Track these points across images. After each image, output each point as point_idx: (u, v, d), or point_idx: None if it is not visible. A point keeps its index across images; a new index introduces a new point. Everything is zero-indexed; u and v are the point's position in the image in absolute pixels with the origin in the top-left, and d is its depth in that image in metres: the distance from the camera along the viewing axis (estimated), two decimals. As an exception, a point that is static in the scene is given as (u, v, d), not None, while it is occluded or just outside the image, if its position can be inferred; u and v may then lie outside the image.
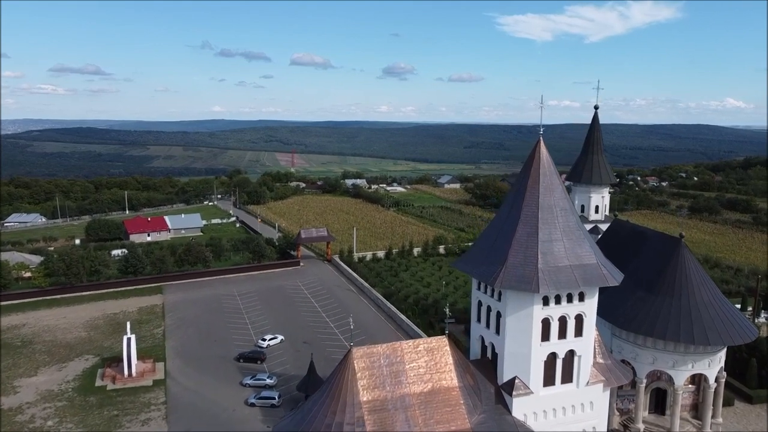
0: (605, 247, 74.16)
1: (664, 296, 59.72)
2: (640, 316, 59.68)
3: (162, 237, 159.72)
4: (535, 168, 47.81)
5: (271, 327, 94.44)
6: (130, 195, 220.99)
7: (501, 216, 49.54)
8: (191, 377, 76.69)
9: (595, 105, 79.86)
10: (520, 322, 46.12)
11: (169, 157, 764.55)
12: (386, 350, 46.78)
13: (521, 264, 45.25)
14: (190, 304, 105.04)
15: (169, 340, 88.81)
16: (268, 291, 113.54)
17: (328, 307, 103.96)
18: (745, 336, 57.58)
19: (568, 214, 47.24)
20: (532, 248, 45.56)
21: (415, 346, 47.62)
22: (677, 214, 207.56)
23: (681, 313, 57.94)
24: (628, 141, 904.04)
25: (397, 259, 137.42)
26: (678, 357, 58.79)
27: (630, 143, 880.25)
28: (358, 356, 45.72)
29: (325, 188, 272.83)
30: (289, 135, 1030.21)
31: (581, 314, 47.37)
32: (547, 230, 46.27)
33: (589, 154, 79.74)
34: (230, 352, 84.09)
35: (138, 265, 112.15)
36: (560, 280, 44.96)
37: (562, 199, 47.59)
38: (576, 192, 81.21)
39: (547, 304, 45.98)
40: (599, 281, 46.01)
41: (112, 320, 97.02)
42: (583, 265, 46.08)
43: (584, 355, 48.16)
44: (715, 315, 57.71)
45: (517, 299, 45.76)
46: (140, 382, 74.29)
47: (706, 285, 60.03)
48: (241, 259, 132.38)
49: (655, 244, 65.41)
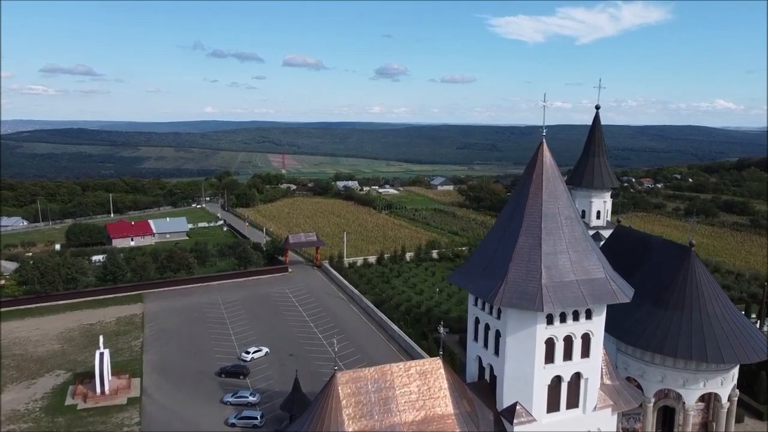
0: (608, 255, 70.11)
1: (673, 310, 55.66)
2: (648, 332, 55.58)
3: (146, 242, 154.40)
4: (538, 173, 43.61)
5: (256, 338, 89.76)
6: (115, 198, 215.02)
7: (501, 225, 45.31)
8: (169, 394, 71.90)
9: (596, 105, 75.98)
10: (521, 342, 41.90)
11: (161, 158, 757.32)
12: (374, 374, 42.47)
13: (523, 279, 41.03)
14: (171, 314, 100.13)
15: (147, 354, 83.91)
16: (254, 299, 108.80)
17: (317, 317, 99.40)
18: (761, 353, 53.58)
19: (574, 224, 43.08)
20: (535, 261, 41.38)
21: (406, 369, 43.31)
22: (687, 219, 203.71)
23: (692, 328, 53.91)
24: (620, 142, 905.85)
25: (389, 264, 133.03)
26: (689, 375, 54.74)
27: (622, 144, 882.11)
28: (343, 381, 41.36)
29: (316, 190, 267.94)
30: (281, 136, 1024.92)
31: (588, 333, 43.26)
32: (552, 241, 42.09)
33: (591, 156, 75.81)
34: (211, 367, 79.33)
35: (117, 273, 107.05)
36: (566, 296, 40.79)
37: (568, 207, 43.42)
38: (576, 197, 77.11)
39: (552, 323, 41.82)
40: (609, 298, 41.86)
41: (88, 332, 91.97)
42: (590, 280, 41.93)
43: (591, 377, 44.02)
44: (729, 330, 53.72)
45: (519, 318, 41.55)
46: (114, 400, 69.45)
47: (719, 297, 56.03)
48: (226, 265, 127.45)
49: (663, 252, 61.23)
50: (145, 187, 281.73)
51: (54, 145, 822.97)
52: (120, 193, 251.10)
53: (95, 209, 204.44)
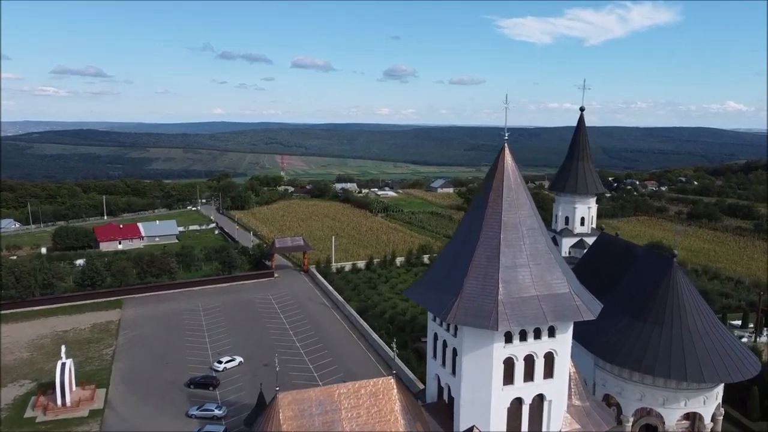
0: (591, 264, 67.08)
1: (653, 324, 52.48)
2: (625, 347, 52.41)
3: (134, 245, 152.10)
4: (498, 180, 40.66)
5: (232, 347, 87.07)
6: (109, 200, 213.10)
7: (460, 235, 42.49)
8: (134, 407, 69.28)
9: (580, 107, 72.97)
10: (478, 362, 38.90)
11: (169, 159, 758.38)
12: (320, 395, 39.59)
13: (479, 294, 38.06)
14: (148, 320, 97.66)
15: (118, 363, 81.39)
16: (235, 305, 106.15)
17: (297, 324, 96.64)
18: (745, 371, 50.28)
19: (536, 235, 40.06)
20: (493, 275, 38.40)
21: (355, 389, 40.38)
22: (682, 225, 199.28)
23: (672, 344, 50.70)
24: (629, 144, 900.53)
25: (378, 269, 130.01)
26: (669, 393, 51.52)
27: (631, 146, 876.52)
28: (285, 403, 38.47)
29: (314, 193, 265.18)
30: (289, 137, 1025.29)
31: (552, 352, 40.12)
32: (511, 254, 39.09)
33: (574, 160, 72.62)
34: (182, 377, 76.66)
35: (96, 278, 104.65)
36: (525, 313, 37.76)
37: (530, 216, 40.40)
38: (560, 202, 74.03)
39: (511, 341, 38.77)
40: (572, 315, 38.76)
41: (61, 339, 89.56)
42: (553, 296, 38.87)
43: (555, 399, 40.90)
44: (711, 347, 50.45)
45: (475, 335, 38.54)
46: (75, 412, 66.92)
47: (702, 312, 52.74)
48: (210, 270, 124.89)
49: (645, 263, 58.04)
50: (145, 188, 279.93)
51: (63, 146, 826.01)
52: (120, 195, 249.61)
53: (88, 211, 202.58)
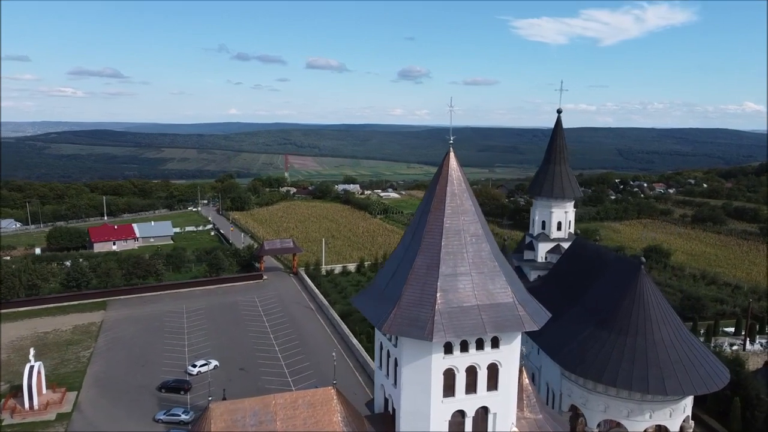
0: (564, 270, 65.56)
1: (618, 334, 50.92)
2: (589, 357, 50.90)
3: (129, 246, 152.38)
4: (442, 185, 39.46)
5: (210, 350, 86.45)
6: (109, 200, 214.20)
7: (404, 241, 41.25)
8: (102, 410, 68.83)
9: (558, 109, 71.26)
10: (417, 373, 37.65)
11: (184, 160, 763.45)
12: (254, 405, 38.55)
13: (416, 304, 36.82)
14: (130, 323, 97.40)
15: (93, 365, 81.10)
16: (220, 308, 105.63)
17: (279, 328, 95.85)
18: (711, 384, 48.55)
19: (480, 242, 38.73)
20: (431, 284, 37.12)
21: (292, 399, 39.31)
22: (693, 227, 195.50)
23: (635, 355, 49.11)
24: (645, 145, 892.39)
25: (368, 272, 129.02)
26: (633, 405, 49.91)
27: (646, 147, 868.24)
28: (217, 414, 37.50)
29: (316, 194, 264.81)
30: (302, 138, 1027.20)
31: (496, 363, 38.78)
32: (452, 262, 37.82)
33: (551, 164, 71.03)
34: (155, 380, 76.05)
35: (81, 279, 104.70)
36: (463, 324, 36.43)
37: (474, 223, 39.10)
38: (536, 206, 72.50)
39: (451, 352, 37.52)
40: (514, 325, 37.37)
41: (41, 340, 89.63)
42: (494, 305, 37.52)
43: (501, 412, 39.50)
44: (677, 358, 48.77)
45: (414, 346, 37.29)
46: (42, 415, 66.58)
47: (669, 321, 51.06)
48: (199, 272, 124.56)
49: (615, 269, 56.40)
50: (152, 189, 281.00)
51: (80, 146, 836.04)
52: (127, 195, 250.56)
53: (89, 212, 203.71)
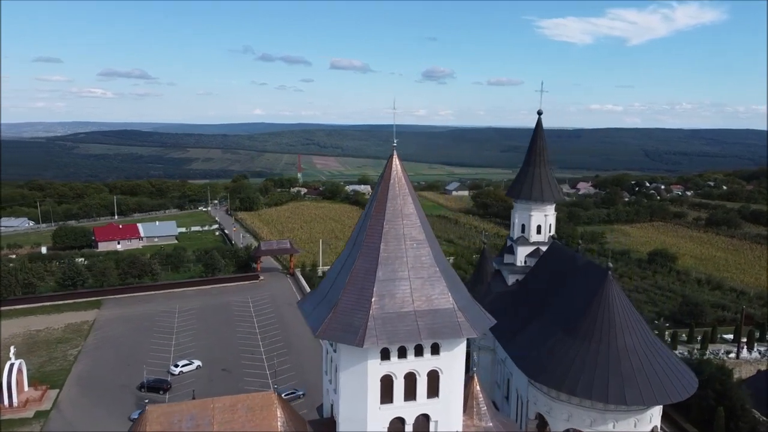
0: (538, 274, 64.46)
1: (582, 341, 49.73)
2: (552, 365, 49.82)
3: (132, 245, 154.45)
4: (384, 188, 38.80)
5: (196, 350, 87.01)
6: (120, 200, 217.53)
7: (348, 246, 40.76)
8: (81, 409, 69.69)
9: (538, 110, 69.95)
10: (354, 379, 37.09)
11: (208, 160, 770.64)
12: (193, 408, 38.32)
13: (352, 309, 36.30)
14: (122, 322, 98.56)
15: (79, 364, 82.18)
16: (212, 308, 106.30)
17: (267, 329, 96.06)
18: (675, 393, 47.11)
19: (421, 247, 38.01)
20: (368, 289, 36.51)
21: (232, 403, 39.01)
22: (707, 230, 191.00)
23: (598, 362, 47.89)
24: (672, 146, 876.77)
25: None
26: (596, 414, 48.67)
27: (674, 148, 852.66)
28: (153, 417, 37.47)
29: (325, 194, 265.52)
30: (326, 138, 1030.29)
31: (436, 370, 38.09)
32: (391, 267, 37.17)
33: (531, 166, 69.77)
34: (137, 379, 76.66)
35: (76, 278, 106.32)
36: (397, 330, 35.78)
37: (416, 227, 38.40)
38: (516, 209, 71.31)
39: (388, 358, 36.94)
40: (451, 332, 36.60)
41: (32, 338, 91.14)
42: (432, 311, 36.81)
43: (442, 419, 38.71)
44: (640, 366, 47.43)
45: (350, 351, 36.73)
46: (20, 413, 67.65)
47: (635, 329, 49.69)
48: (195, 272, 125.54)
49: (584, 275, 55.18)
50: (169, 188, 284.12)
51: (108, 146, 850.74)
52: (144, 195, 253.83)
53: (100, 211, 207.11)
